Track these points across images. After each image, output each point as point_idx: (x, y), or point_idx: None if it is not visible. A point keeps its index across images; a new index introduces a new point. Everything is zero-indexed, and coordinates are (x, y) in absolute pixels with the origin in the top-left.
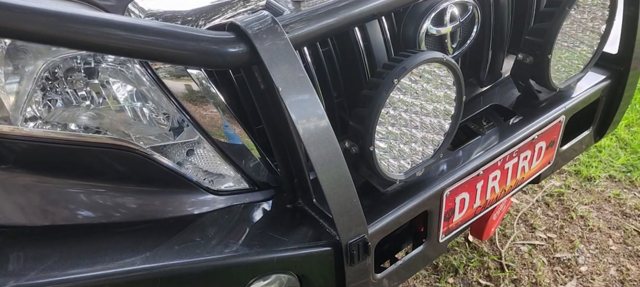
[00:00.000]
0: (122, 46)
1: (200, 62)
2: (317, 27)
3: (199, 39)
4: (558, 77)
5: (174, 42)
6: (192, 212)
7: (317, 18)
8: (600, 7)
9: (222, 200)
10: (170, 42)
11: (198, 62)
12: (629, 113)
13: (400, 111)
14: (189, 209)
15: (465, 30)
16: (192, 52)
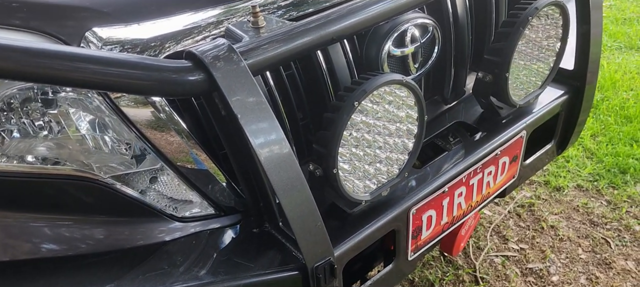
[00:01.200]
0: (76, 78)
1: (158, 91)
2: (276, 53)
3: (155, 68)
4: (517, 94)
5: (129, 72)
6: (159, 240)
7: (276, 44)
8: (553, 26)
9: (188, 226)
10: (125, 73)
11: (155, 92)
12: (594, 124)
13: (363, 132)
14: (156, 237)
15: (427, 50)
16: (149, 82)
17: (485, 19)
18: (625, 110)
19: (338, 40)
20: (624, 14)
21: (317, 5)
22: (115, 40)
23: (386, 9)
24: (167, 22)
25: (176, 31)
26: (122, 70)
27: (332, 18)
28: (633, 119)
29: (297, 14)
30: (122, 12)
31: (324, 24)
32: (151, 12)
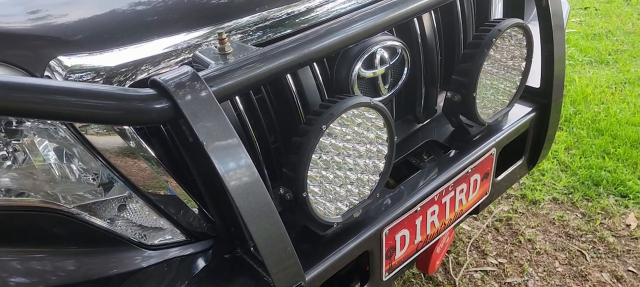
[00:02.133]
0: (37, 110)
1: (122, 120)
2: (242, 79)
3: (118, 97)
4: (486, 112)
5: (92, 102)
6: (130, 269)
7: (242, 70)
8: (518, 46)
9: (159, 254)
10: (88, 103)
11: (119, 121)
12: (568, 137)
13: (332, 155)
14: (128, 265)
15: (397, 71)
16: (113, 112)
17: (454, 39)
18: (597, 124)
19: (305, 65)
20: (594, 29)
21: (294, 27)
22: (81, 69)
23: (353, 33)
24: (134, 49)
25: (143, 58)
26: (85, 100)
27: (299, 43)
28: (604, 132)
29: (274, 36)
30: (88, 40)
31: (290, 49)
32: (118, 39)
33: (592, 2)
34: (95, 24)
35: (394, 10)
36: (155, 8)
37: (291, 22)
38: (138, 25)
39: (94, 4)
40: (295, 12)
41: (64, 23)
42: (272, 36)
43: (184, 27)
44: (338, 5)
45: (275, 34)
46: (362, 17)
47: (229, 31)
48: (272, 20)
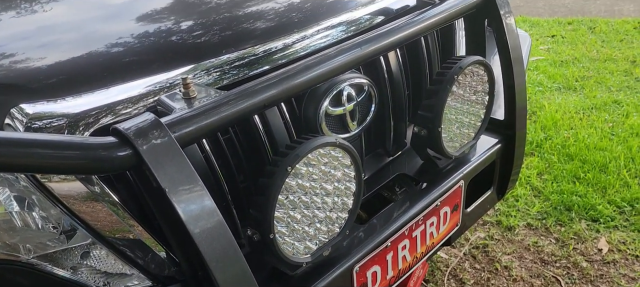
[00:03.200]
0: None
1: (82, 170)
2: (207, 123)
3: (79, 147)
4: (452, 146)
5: (51, 153)
6: None
7: (206, 114)
8: (479, 81)
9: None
10: (47, 154)
11: (80, 171)
12: (539, 162)
13: (299, 195)
14: None
15: (365, 106)
16: (75, 162)
17: (420, 73)
18: (566, 149)
19: (270, 107)
20: (561, 56)
21: (263, 66)
22: (43, 116)
23: (318, 74)
24: (98, 94)
25: (108, 104)
26: (46, 151)
27: (263, 86)
28: (574, 157)
29: (241, 77)
30: (50, 86)
31: (255, 92)
32: (81, 85)
33: (558, 30)
34: (58, 70)
35: (359, 50)
36: (120, 52)
37: (257, 62)
38: (102, 70)
39: (56, 50)
40: (260, 53)
41: (26, 70)
42: (239, 77)
43: (150, 70)
44: (301, 45)
45: (243, 74)
46: (328, 58)
47: (196, 73)
48: (240, 61)
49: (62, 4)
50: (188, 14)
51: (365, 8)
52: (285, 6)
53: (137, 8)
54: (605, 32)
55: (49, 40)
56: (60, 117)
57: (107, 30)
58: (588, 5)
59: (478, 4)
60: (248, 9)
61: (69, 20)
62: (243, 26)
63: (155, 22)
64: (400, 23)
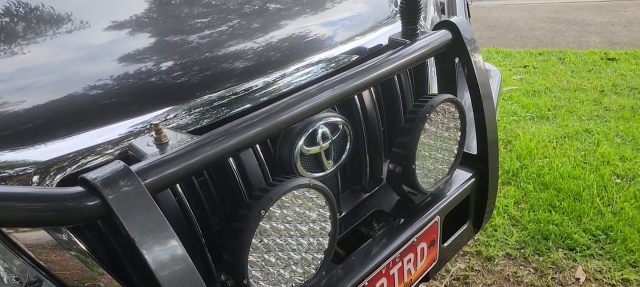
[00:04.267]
0: None
1: (51, 221)
2: (179, 169)
3: (47, 198)
4: (427, 181)
5: (16, 206)
6: None
7: (178, 160)
8: (451, 118)
9: None
10: (12, 206)
11: (49, 222)
12: (516, 191)
13: (274, 238)
14: None
15: (340, 145)
16: (40, 214)
17: (395, 109)
18: (541, 178)
19: (243, 149)
20: (533, 86)
21: (247, 103)
22: (10, 165)
23: (293, 115)
24: (67, 141)
25: (77, 151)
26: (12, 204)
27: (236, 129)
28: (549, 186)
29: (225, 115)
30: (18, 134)
31: (227, 136)
32: (50, 131)
33: (530, 61)
34: (25, 117)
35: (333, 91)
36: (92, 96)
37: (231, 104)
38: (73, 115)
39: (23, 95)
40: (235, 94)
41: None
42: (214, 118)
43: (122, 114)
44: (276, 86)
45: (217, 116)
46: (303, 99)
47: (169, 116)
48: (214, 102)
49: (26, 45)
50: (160, 56)
51: (339, 47)
52: (259, 47)
53: (109, 50)
54: (574, 63)
55: (14, 85)
56: (28, 166)
57: (77, 73)
58: (557, 37)
59: (447, 44)
60: (222, 50)
61: (34, 63)
62: (218, 67)
63: (128, 65)
64: (373, 63)
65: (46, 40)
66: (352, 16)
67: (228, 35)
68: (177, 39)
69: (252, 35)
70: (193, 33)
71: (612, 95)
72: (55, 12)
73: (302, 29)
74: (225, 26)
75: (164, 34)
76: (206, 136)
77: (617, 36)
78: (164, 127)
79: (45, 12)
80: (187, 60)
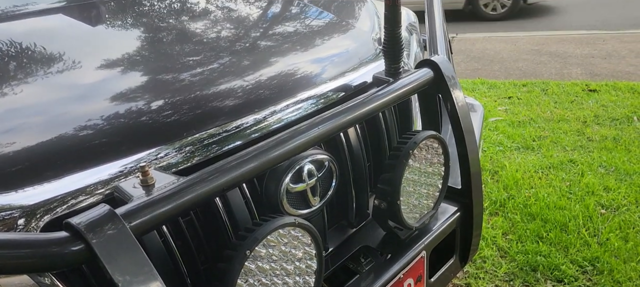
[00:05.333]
0: None
1: (33, 268)
2: (165, 211)
3: (29, 244)
4: (412, 216)
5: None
6: None
7: (164, 202)
8: (434, 154)
9: None
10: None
11: (31, 269)
12: (504, 222)
13: (259, 278)
14: None
15: (326, 181)
16: (23, 260)
17: (380, 145)
18: (528, 208)
19: (230, 189)
20: (518, 117)
21: (233, 142)
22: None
23: (279, 154)
24: (53, 184)
25: (63, 194)
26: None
27: (223, 169)
28: (536, 217)
29: (212, 154)
30: (3, 177)
31: (214, 176)
32: (35, 174)
33: (514, 91)
34: (10, 160)
35: (318, 129)
36: (78, 137)
37: (219, 143)
38: (57, 157)
39: (6, 138)
40: (222, 133)
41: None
42: (202, 158)
43: (109, 156)
44: (262, 124)
45: (205, 155)
46: (289, 138)
47: (155, 157)
48: (201, 142)
49: (10, 87)
50: (146, 95)
51: (325, 85)
52: (245, 86)
53: (95, 90)
54: (557, 94)
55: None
56: (14, 210)
57: (62, 115)
58: (540, 69)
59: (429, 81)
60: (208, 89)
61: (18, 104)
62: (204, 106)
63: (114, 105)
64: (358, 101)
65: (30, 81)
66: (338, 54)
67: (214, 75)
68: (163, 78)
69: (239, 74)
70: (179, 72)
71: (594, 126)
72: (38, 53)
73: (288, 67)
74: (211, 66)
75: (150, 73)
76: (192, 177)
77: (598, 68)
78: (151, 168)
79: (28, 53)
80: (172, 99)
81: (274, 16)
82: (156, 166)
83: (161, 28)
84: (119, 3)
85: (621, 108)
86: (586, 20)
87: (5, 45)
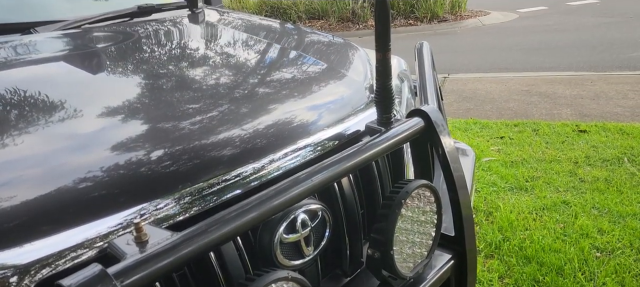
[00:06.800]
0: None
1: None
2: (159, 267)
3: None
4: (406, 266)
5: None
6: None
7: (159, 258)
8: (427, 202)
9: None
10: None
11: None
12: (500, 265)
13: None
14: None
15: (320, 231)
16: None
17: (374, 193)
18: (524, 251)
19: (225, 242)
20: (511, 157)
21: (229, 192)
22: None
23: (274, 206)
24: (46, 242)
25: (56, 252)
26: None
27: (218, 223)
28: (532, 260)
29: (212, 204)
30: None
31: (209, 230)
32: (28, 232)
33: (506, 132)
34: (3, 215)
35: (311, 181)
36: (71, 193)
37: (215, 194)
38: (51, 214)
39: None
40: (218, 185)
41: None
42: (198, 210)
43: (104, 210)
44: (257, 175)
45: (201, 208)
46: (283, 190)
47: (149, 211)
48: (197, 194)
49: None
50: (141, 146)
51: (319, 134)
52: (238, 138)
53: (89, 141)
54: (548, 134)
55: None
56: (7, 270)
57: (57, 167)
58: (530, 109)
59: (420, 130)
60: (203, 140)
61: (8, 157)
62: (199, 158)
63: (109, 157)
64: (351, 151)
65: (22, 132)
66: (333, 101)
67: (210, 124)
68: (157, 128)
69: (236, 123)
70: (172, 121)
71: (586, 167)
72: (27, 102)
73: (282, 116)
74: (206, 115)
75: (144, 123)
76: (187, 233)
77: (587, 109)
78: (145, 224)
79: (19, 102)
80: (167, 150)
81: (267, 64)
82: (151, 220)
83: (155, 76)
84: (111, 52)
85: (611, 149)
86: (574, 62)
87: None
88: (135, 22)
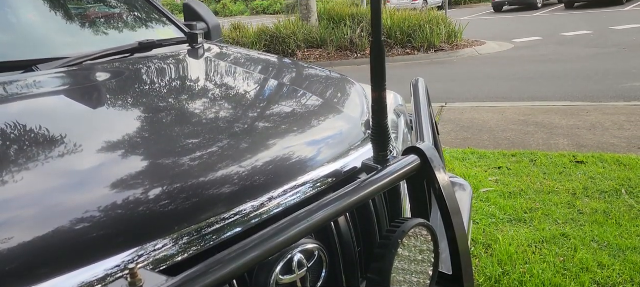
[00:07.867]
0: None
1: None
2: None
3: None
4: None
5: None
6: None
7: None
8: (423, 241)
9: None
10: None
11: None
12: None
13: None
14: None
15: (317, 271)
16: None
17: (371, 230)
18: (524, 286)
19: (223, 285)
20: (509, 188)
21: (227, 233)
22: None
23: (270, 248)
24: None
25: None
26: None
27: (214, 267)
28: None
29: (209, 245)
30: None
31: (205, 273)
32: (22, 277)
33: (504, 162)
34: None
35: (307, 222)
36: (62, 237)
37: (213, 235)
38: (41, 260)
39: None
40: (215, 225)
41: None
42: (196, 251)
43: (99, 253)
44: (254, 214)
45: (198, 248)
46: (279, 231)
47: (145, 254)
48: (194, 235)
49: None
50: (137, 185)
51: (317, 172)
52: (236, 175)
53: (85, 180)
54: (545, 165)
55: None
56: None
57: (52, 207)
58: (528, 139)
59: (416, 168)
60: (203, 178)
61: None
62: (201, 196)
63: (105, 197)
64: (348, 190)
65: (17, 175)
66: (330, 137)
67: (206, 163)
68: (151, 166)
69: (234, 160)
70: (172, 160)
71: (584, 199)
72: (20, 140)
73: (278, 153)
74: (200, 153)
75: (139, 160)
76: (183, 277)
77: (583, 139)
78: (140, 269)
79: (12, 138)
80: (165, 190)
81: (265, 100)
82: (149, 261)
83: (155, 113)
84: (112, 89)
85: (609, 181)
86: (569, 92)
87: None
88: (136, 59)
